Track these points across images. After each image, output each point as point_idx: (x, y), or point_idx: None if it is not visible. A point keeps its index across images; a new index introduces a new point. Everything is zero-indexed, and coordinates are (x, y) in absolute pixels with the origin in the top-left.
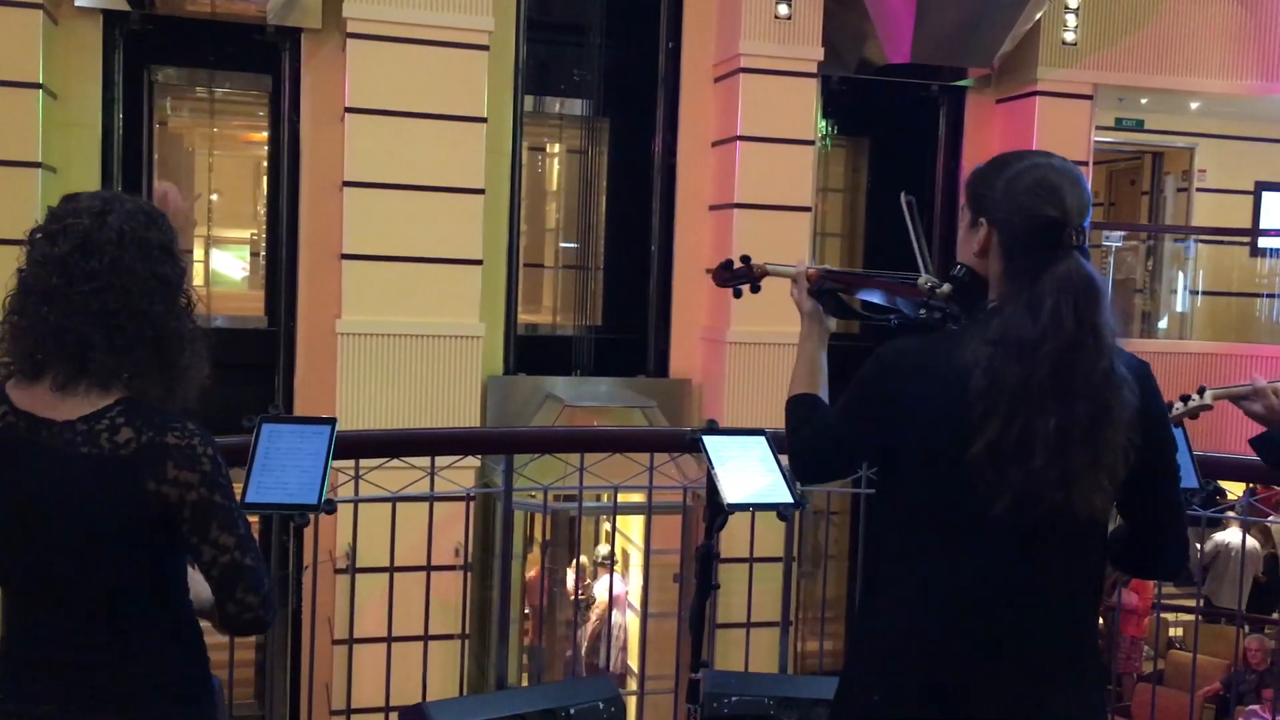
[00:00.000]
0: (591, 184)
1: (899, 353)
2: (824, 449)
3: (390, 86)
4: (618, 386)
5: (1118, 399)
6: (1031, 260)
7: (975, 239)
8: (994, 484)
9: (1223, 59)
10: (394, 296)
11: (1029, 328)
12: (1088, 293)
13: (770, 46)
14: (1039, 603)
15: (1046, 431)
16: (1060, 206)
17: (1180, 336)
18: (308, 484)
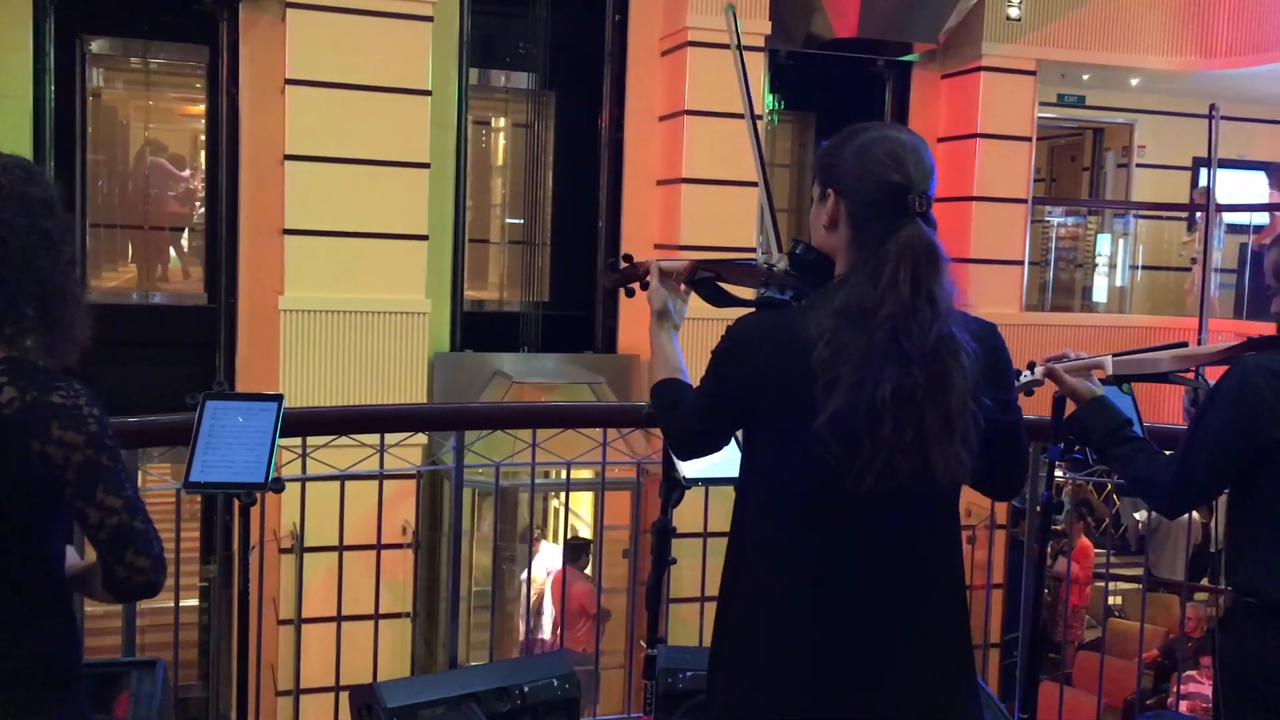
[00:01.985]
0: (538, 159)
1: (746, 329)
2: (693, 426)
3: (332, 58)
4: (565, 363)
5: (955, 363)
6: (877, 228)
7: (824, 211)
8: (845, 456)
9: (1162, 35)
10: (338, 272)
11: (870, 295)
12: (928, 259)
13: (717, 20)
14: (904, 574)
15: (885, 398)
16: (904, 173)
17: (1120, 310)
18: (255, 462)
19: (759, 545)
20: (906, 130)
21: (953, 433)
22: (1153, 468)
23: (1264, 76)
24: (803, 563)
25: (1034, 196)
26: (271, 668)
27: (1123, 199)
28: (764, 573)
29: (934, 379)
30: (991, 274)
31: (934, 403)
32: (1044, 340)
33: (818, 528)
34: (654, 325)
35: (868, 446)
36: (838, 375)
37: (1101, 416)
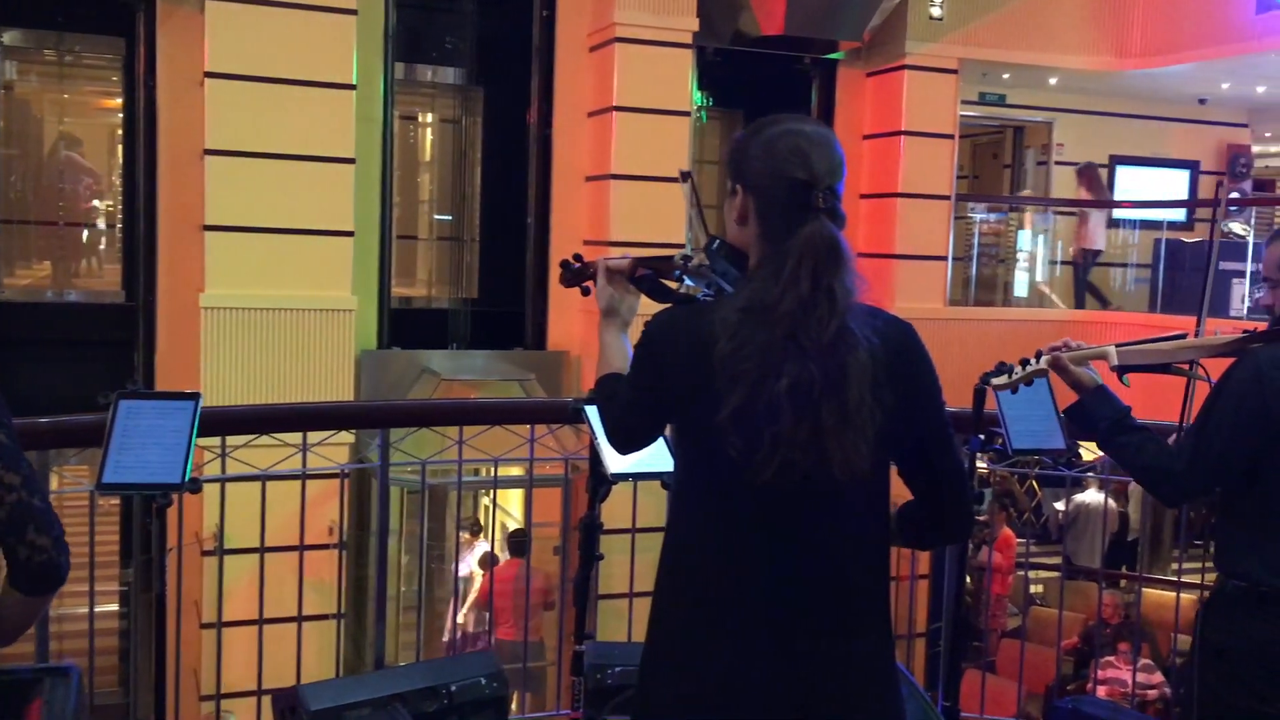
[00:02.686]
0: (466, 154)
1: (658, 325)
2: (621, 419)
3: (253, 51)
4: (495, 359)
5: (853, 358)
6: (782, 224)
7: (734, 207)
8: (746, 451)
9: (1079, 36)
10: (260, 269)
11: (771, 291)
12: (829, 255)
13: (645, 16)
14: (818, 567)
15: (782, 393)
16: (808, 169)
17: (1040, 305)
18: (170, 462)
19: (681, 539)
20: (814, 123)
21: (849, 426)
22: (1162, 457)
23: (1175, 76)
24: (717, 556)
25: (957, 193)
26: (195, 673)
27: (1043, 195)
28: (684, 566)
29: (831, 374)
30: (917, 269)
31: (831, 397)
32: (968, 334)
33: (730, 522)
34: (602, 323)
35: (766, 441)
36: (739, 371)
37: (1106, 406)
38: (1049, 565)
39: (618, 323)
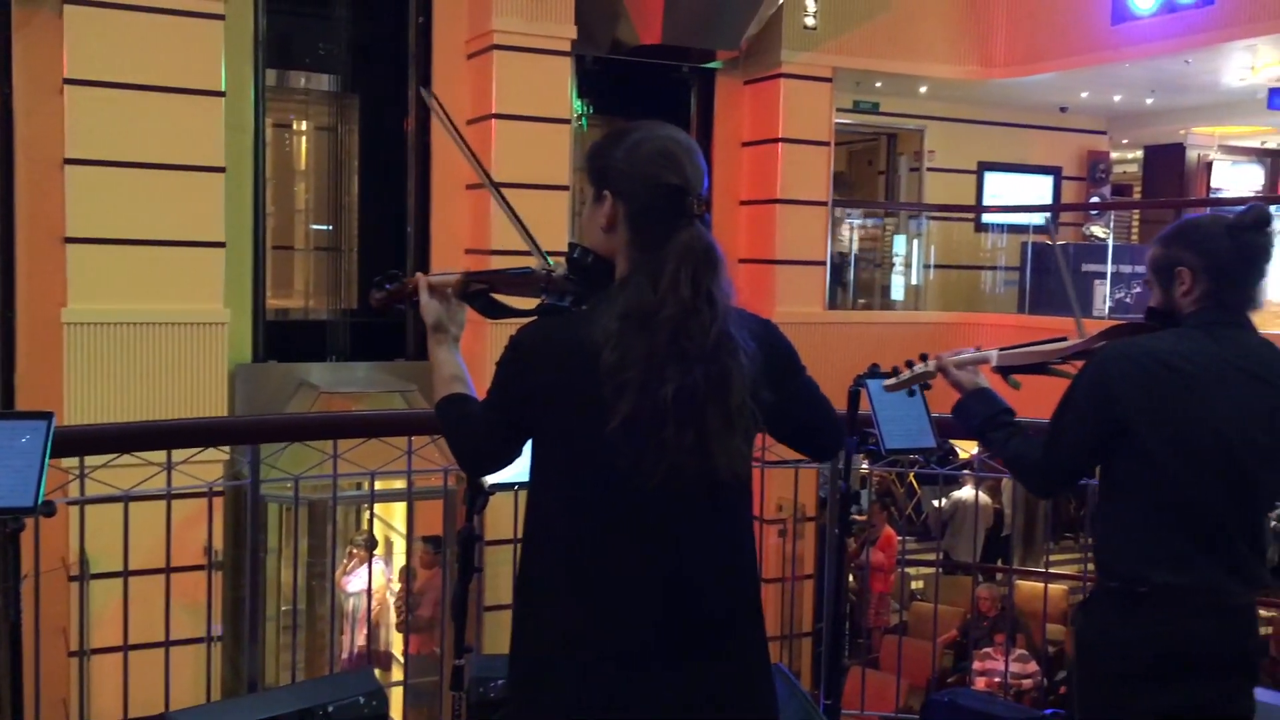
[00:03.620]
0: (343, 163)
1: (529, 337)
2: (481, 443)
3: (116, 57)
4: (376, 371)
5: (734, 361)
6: (656, 230)
7: (600, 213)
8: (635, 459)
9: (947, 46)
10: (127, 282)
11: (650, 297)
12: (706, 260)
13: (523, 23)
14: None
15: (667, 398)
16: (681, 174)
17: (915, 308)
18: (21, 485)
19: (552, 549)
20: (675, 128)
21: (733, 429)
22: (1024, 447)
23: (1038, 85)
24: (595, 563)
25: (834, 199)
26: (64, 703)
27: (916, 201)
28: (556, 575)
29: (714, 378)
30: (796, 274)
31: (714, 401)
32: (847, 338)
33: (611, 529)
34: (431, 340)
35: (653, 447)
36: (626, 379)
37: (982, 404)
38: (928, 561)
39: (448, 339)
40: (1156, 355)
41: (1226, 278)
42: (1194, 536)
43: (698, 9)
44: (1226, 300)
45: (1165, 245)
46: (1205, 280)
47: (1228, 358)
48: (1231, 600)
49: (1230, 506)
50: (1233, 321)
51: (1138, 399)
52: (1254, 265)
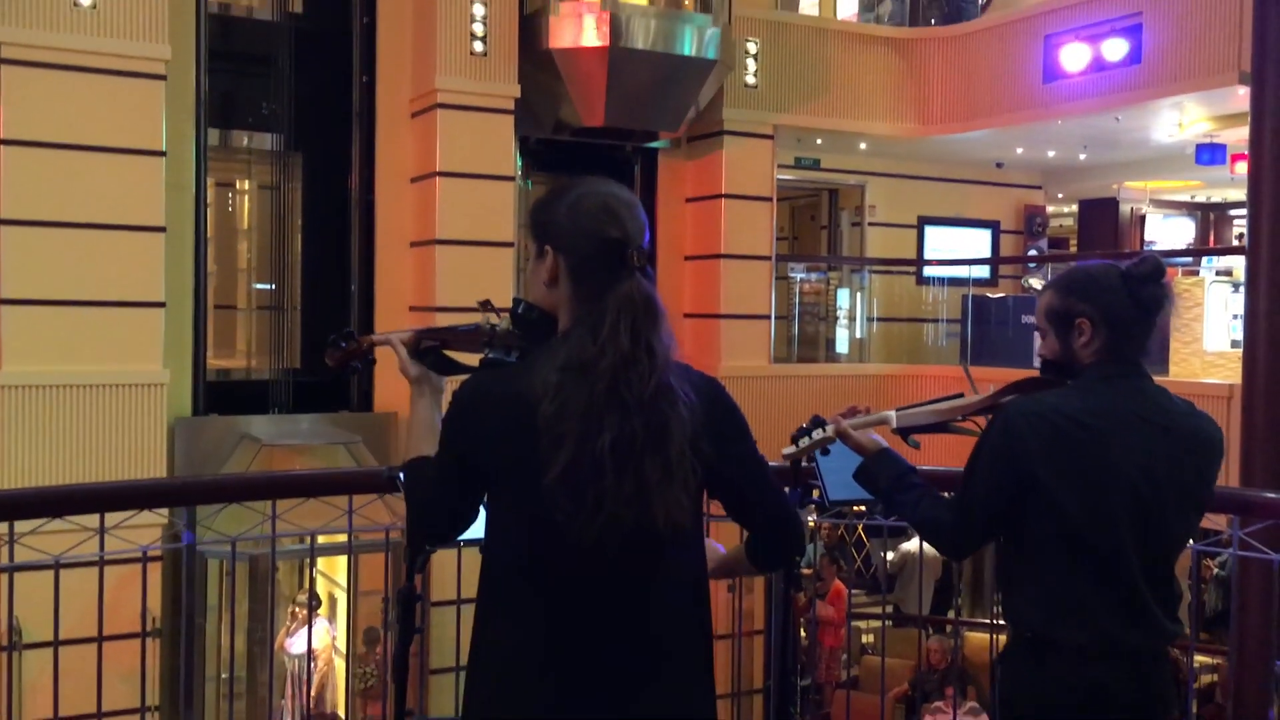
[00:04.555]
0: (286, 221)
1: (469, 391)
2: (432, 503)
3: (54, 117)
4: (320, 423)
5: (674, 413)
6: (597, 282)
7: (543, 268)
8: (574, 510)
9: (885, 104)
10: (63, 343)
11: (590, 348)
12: (646, 312)
13: (467, 83)
14: (640, 622)
15: (605, 448)
16: (621, 228)
17: (860, 360)
18: None
19: (497, 604)
20: (617, 184)
21: (672, 479)
22: (935, 509)
23: (974, 142)
24: (538, 618)
25: (777, 254)
26: None
27: (858, 255)
28: (502, 631)
29: (653, 428)
30: (741, 328)
31: (653, 451)
32: (793, 391)
33: (551, 583)
34: (413, 394)
35: (591, 498)
36: (564, 430)
37: (886, 466)
38: (878, 615)
39: (429, 392)
40: (1063, 411)
41: (1124, 329)
42: (1100, 588)
43: (639, 96)
44: (1124, 351)
45: (1062, 295)
46: (1104, 331)
47: (1131, 409)
48: (1135, 651)
49: (1138, 557)
50: (1132, 372)
51: (1046, 455)
52: (1150, 316)
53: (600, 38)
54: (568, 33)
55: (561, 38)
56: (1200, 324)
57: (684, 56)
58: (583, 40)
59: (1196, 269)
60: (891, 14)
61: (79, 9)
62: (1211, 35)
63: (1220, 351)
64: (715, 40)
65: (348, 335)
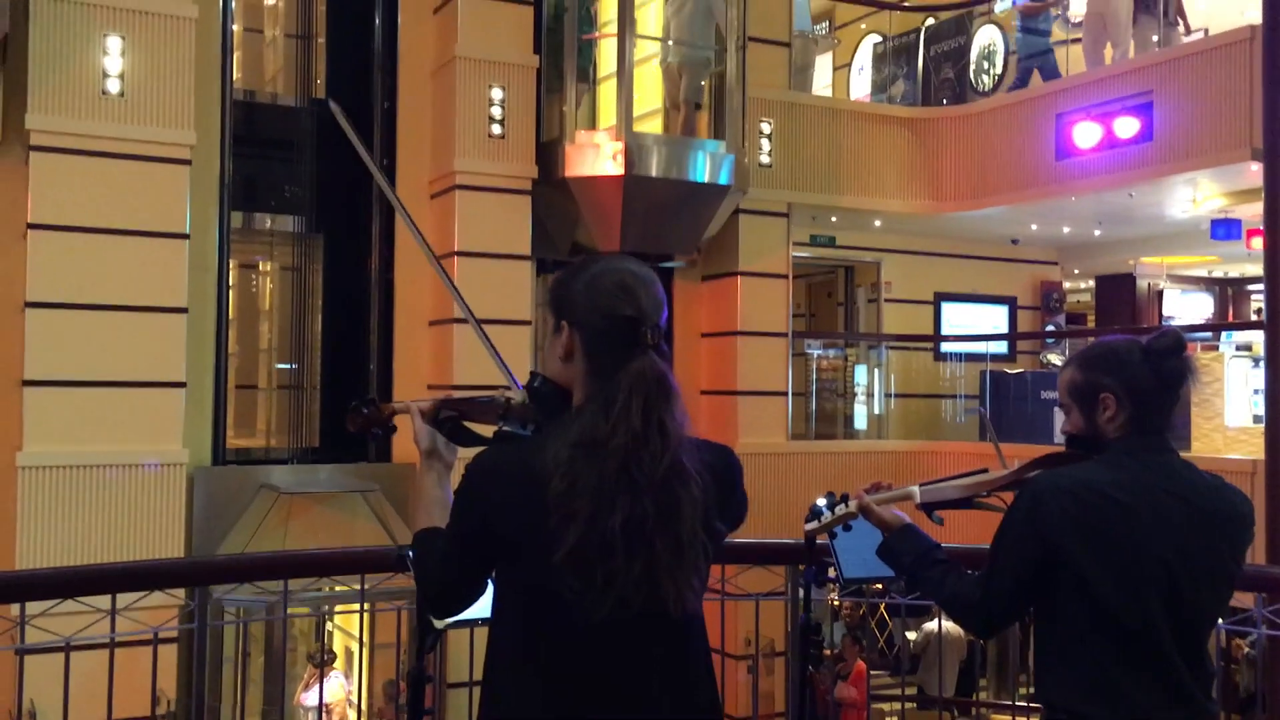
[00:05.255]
0: (306, 302)
1: (481, 465)
2: (442, 577)
3: (80, 201)
4: (338, 473)
5: (686, 492)
6: (611, 359)
7: (559, 343)
8: (582, 590)
9: (898, 181)
10: (84, 424)
11: (602, 426)
12: (659, 390)
13: (484, 164)
14: (647, 705)
15: (615, 528)
16: (636, 305)
17: (878, 437)
18: None
19: (503, 681)
20: (636, 262)
21: (683, 561)
22: (961, 586)
23: (989, 218)
24: (545, 699)
25: (793, 330)
26: None
27: (874, 332)
28: (508, 709)
29: (664, 508)
30: (758, 405)
31: (664, 532)
32: (811, 468)
33: (559, 662)
34: (423, 466)
35: (600, 578)
36: (574, 509)
37: (910, 543)
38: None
39: (439, 466)
40: (1092, 486)
41: (1148, 404)
42: (1136, 667)
43: (654, 222)
44: (1149, 425)
45: (1085, 370)
46: (1129, 406)
47: (1159, 484)
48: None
49: (1172, 634)
50: (1157, 446)
51: (1077, 531)
52: (1174, 391)
53: (616, 166)
54: (584, 161)
55: (578, 166)
56: (1221, 399)
57: (698, 183)
58: (599, 169)
59: (1216, 344)
60: (904, 94)
61: (108, 97)
62: (1222, 112)
63: (1242, 427)
64: (729, 166)
65: (370, 402)
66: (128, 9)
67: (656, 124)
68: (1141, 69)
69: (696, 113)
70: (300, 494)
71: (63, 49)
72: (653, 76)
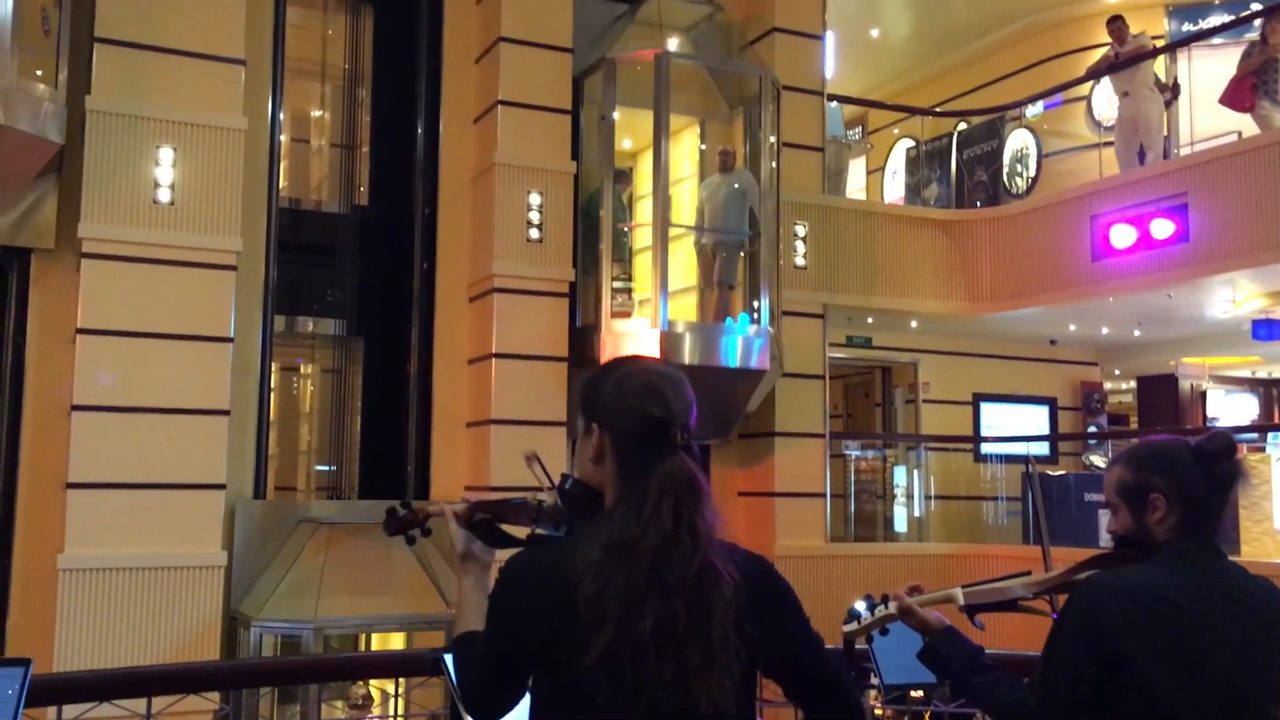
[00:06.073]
0: (346, 404)
1: (513, 568)
2: (480, 682)
3: (128, 307)
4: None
5: (716, 594)
6: (641, 460)
7: (590, 445)
8: (613, 694)
9: (934, 283)
10: (125, 526)
11: (632, 527)
12: (689, 491)
13: (523, 267)
14: None
15: (646, 631)
16: (665, 407)
17: (919, 539)
18: None
19: None
20: (663, 363)
21: (714, 663)
22: (1015, 694)
23: (1026, 319)
24: None
25: (831, 431)
26: None
27: (913, 433)
28: None
29: (695, 610)
30: (796, 507)
31: (695, 634)
32: (851, 571)
33: None
34: (459, 570)
35: (631, 681)
36: (604, 611)
37: (955, 647)
38: None
39: (476, 568)
40: (1148, 588)
41: (1199, 505)
42: None
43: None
44: (1200, 528)
45: (1135, 470)
46: (1180, 507)
47: (1214, 586)
48: None
49: None
50: (1209, 549)
51: (1138, 633)
52: (1224, 492)
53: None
54: (620, 350)
55: (614, 353)
56: (1269, 502)
57: (733, 369)
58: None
59: (1262, 445)
60: (938, 197)
61: (158, 205)
62: (1259, 212)
63: None
64: (762, 348)
65: (406, 505)
66: (180, 121)
67: (690, 303)
68: (1176, 171)
69: (731, 292)
70: (339, 524)
71: (116, 160)
72: (686, 252)
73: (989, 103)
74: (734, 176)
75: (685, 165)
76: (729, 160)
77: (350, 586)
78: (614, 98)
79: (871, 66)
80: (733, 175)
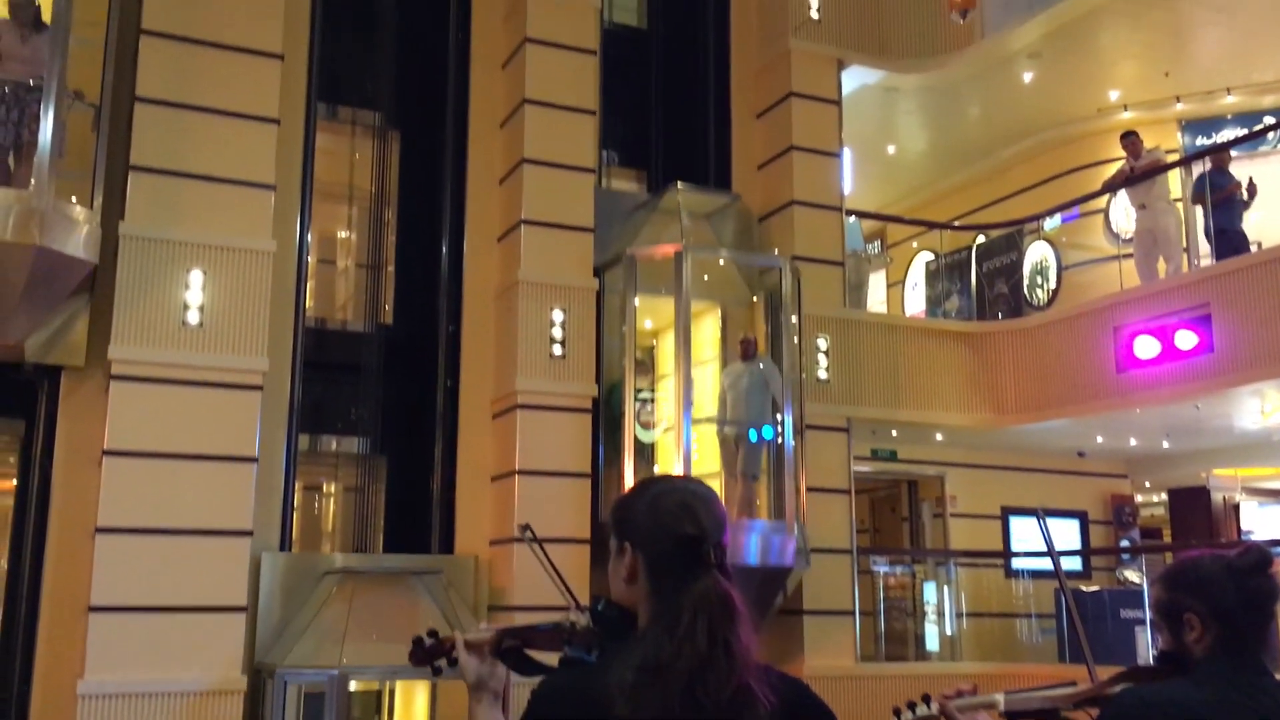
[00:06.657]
0: (369, 522)
1: (547, 690)
2: None
3: (154, 428)
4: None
5: (752, 714)
6: (674, 579)
7: (623, 565)
8: None
9: (958, 395)
10: (146, 651)
11: (667, 647)
12: (723, 610)
13: (546, 383)
14: None
15: None
16: (698, 524)
17: (951, 658)
18: None
19: None
20: (697, 481)
21: None
22: None
23: (1053, 431)
24: None
25: (858, 547)
26: None
27: (941, 548)
28: None
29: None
30: (824, 625)
31: None
32: (883, 691)
33: None
34: (471, 699)
35: None
36: None
37: None
38: None
39: (488, 696)
40: (1177, 702)
41: (1234, 623)
42: None
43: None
44: (1239, 645)
45: (1168, 590)
46: (1215, 626)
47: (1250, 706)
48: None
49: None
50: (1249, 666)
51: None
52: (1261, 610)
53: None
54: None
55: None
56: None
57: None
58: None
59: None
60: (959, 309)
61: (187, 327)
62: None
63: None
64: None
65: (433, 634)
66: (211, 245)
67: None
68: (1197, 282)
69: (754, 483)
70: (364, 574)
71: (147, 282)
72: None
73: (1006, 216)
74: (755, 364)
75: (707, 349)
76: (750, 348)
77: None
78: (634, 289)
79: (889, 182)
80: (754, 363)
